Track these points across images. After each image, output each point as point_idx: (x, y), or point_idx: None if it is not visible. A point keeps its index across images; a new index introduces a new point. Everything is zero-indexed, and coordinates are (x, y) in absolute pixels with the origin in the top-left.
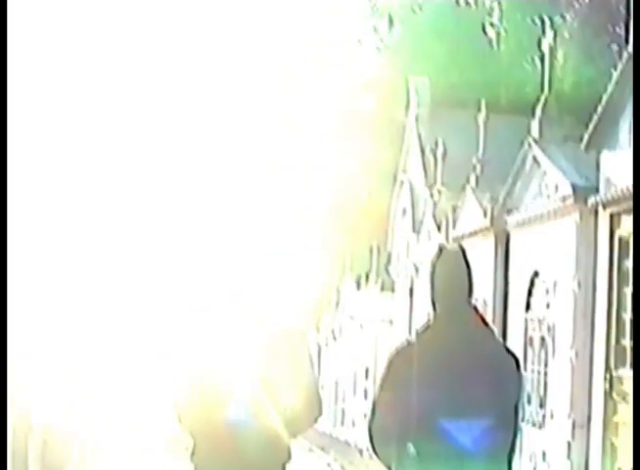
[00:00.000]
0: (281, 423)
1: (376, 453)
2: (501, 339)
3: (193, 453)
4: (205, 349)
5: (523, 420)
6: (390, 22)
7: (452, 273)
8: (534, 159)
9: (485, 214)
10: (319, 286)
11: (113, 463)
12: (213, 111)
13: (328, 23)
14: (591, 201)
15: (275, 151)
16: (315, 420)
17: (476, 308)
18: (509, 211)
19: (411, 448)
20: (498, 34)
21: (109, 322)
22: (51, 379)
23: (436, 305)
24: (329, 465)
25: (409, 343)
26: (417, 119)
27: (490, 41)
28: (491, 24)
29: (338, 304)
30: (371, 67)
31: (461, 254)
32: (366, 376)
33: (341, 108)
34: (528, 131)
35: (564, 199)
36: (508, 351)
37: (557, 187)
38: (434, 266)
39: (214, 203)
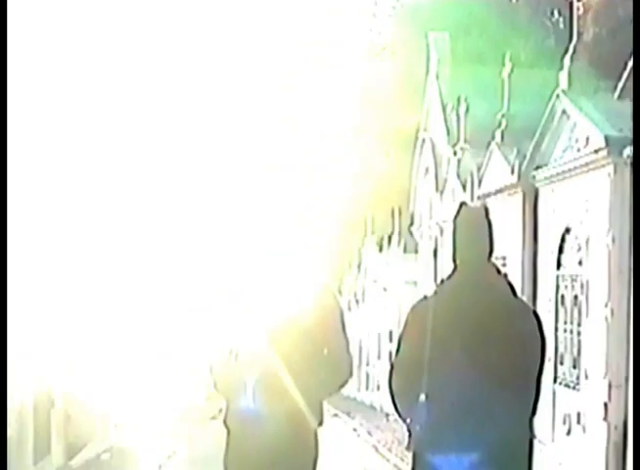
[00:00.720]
0: (313, 384)
1: (396, 409)
2: (529, 297)
3: (225, 417)
4: (238, 313)
5: (555, 381)
6: None
7: (473, 230)
8: (563, 111)
9: (512, 171)
10: (341, 249)
11: (136, 435)
12: (219, 93)
13: None
14: (627, 152)
15: (296, 115)
16: (345, 381)
17: (496, 266)
18: (537, 167)
19: (422, 397)
20: None
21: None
22: (72, 351)
23: (457, 262)
24: (355, 430)
25: (426, 298)
26: (437, 77)
27: None
28: None
29: (360, 267)
30: (388, 26)
31: (483, 211)
32: (390, 339)
33: (359, 70)
34: (557, 83)
35: (596, 151)
36: (528, 308)
37: (588, 139)
38: (455, 223)
39: (237, 167)
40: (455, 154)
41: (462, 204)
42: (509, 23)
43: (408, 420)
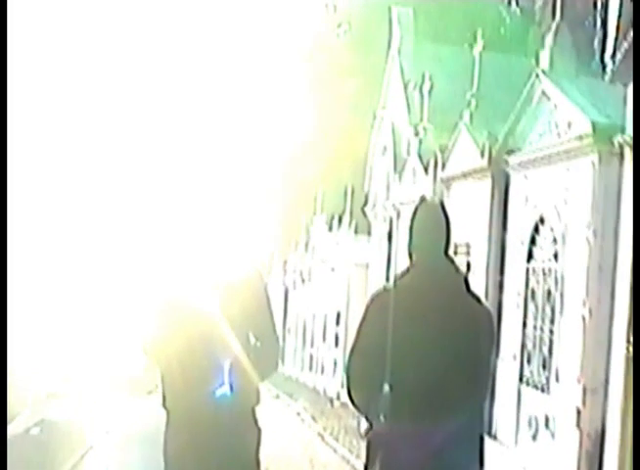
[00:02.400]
0: (248, 365)
1: (351, 399)
2: (494, 289)
3: (165, 400)
4: (171, 280)
5: (521, 381)
6: None
7: (430, 226)
8: (543, 92)
9: (482, 154)
10: (287, 226)
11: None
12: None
13: None
14: (618, 140)
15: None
16: (276, 365)
17: (452, 261)
18: (510, 151)
19: (386, 388)
20: None
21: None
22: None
23: (413, 256)
24: (299, 414)
25: (386, 289)
26: (400, 53)
27: None
28: None
29: (307, 245)
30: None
31: (440, 207)
32: (337, 322)
33: (314, 46)
34: (536, 63)
35: (581, 137)
36: (481, 303)
37: (570, 124)
38: (413, 218)
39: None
40: (417, 134)
41: (421, 199)
42: (474, 4)
43: (367, 410)
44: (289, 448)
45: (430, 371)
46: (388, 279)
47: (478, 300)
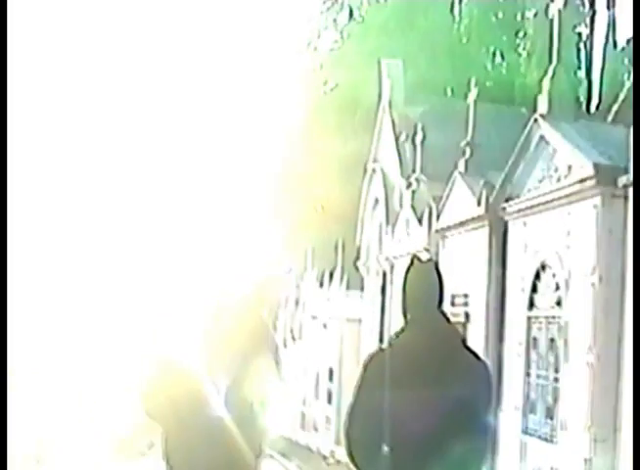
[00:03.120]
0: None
1: (352, 460)
2: (494, 339)
3: (165, 445)
4: (169, 337)
5: (526, 432)
6: (350, 14)
7: (423, 285)
8: (542, 137)
9: (479, 202)
10: (277, 283)
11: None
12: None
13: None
14: (622, 181)
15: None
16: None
17: (446, 316)
18: (507, 199)
19: (385, 448)
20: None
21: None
22: None
23: (407, 314)
24: None
25: (382, 349)
26: (390, 105)
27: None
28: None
29: (297, 302)
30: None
31: (433, 266)
32: (330, 378)
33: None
34: (534, 108)
35: (582, 181)
36: (478, 358)
37: (570, 168)
38: (405, 278)
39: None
40: (409, 185)
41: (413, 258)
42: (460, 53)
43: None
44: None
45: (428, 430)
46: (381, 334)
47: (474, 354)
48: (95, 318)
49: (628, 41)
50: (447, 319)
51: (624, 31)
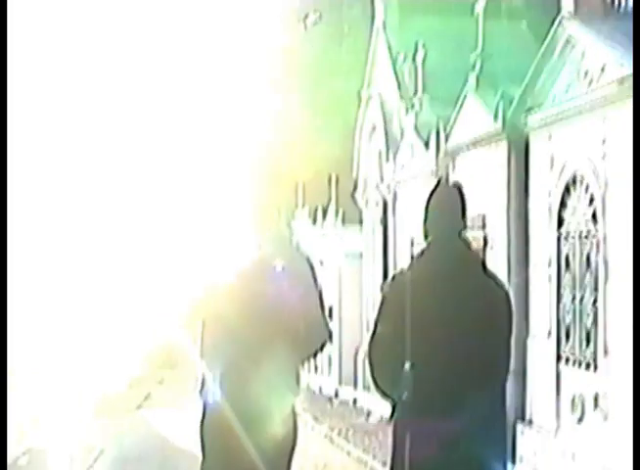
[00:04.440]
0: (290, 347)
1: (376, 384)
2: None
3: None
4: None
5: (559, 360)
6: None
7: (447, 208)
8: (568, 39)
9: (496, 117)
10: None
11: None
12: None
13: None
14: None
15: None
16: (323, 343)
17: (467, 242)
18: (528, 110)
19: (407, 366)
20: None
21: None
22: None
23: (429, 236)
24: (299, 416)
25: (402, 272)
26: (384, 26)
27: None
28: None
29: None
30: None
31: (457, 190)
32: (330, 316)
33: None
34: (558, 10)
35: (621, 81)
36: (498, 283)
37: (604, 68)
38: (429, 200)
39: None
40: (412, 107)
41: (439, 181)
42: None
43: (391, 392)
44: (298, 455)
45: (449, 352)
46: (385, 266)
47: (495, 280)
48: (93, 315)
49: None
50: (469, 244)
51: None
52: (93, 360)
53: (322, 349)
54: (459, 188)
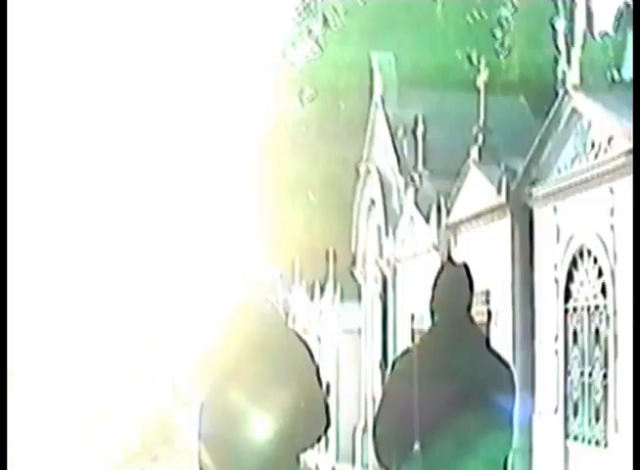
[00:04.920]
0: (285, 438)
1: (378, 457)
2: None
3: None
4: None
5: (568, 437)
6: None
7: (455, 288)
8: (574, 110)
9: (499, 190)
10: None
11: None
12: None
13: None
14: None
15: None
16: (324, 430)
17: (473, 320)
18: (533, 183)
19: (416, 446)
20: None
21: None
22: None
23: (435, 315)
24: None
25: (409, 350)
26: (383, 100)
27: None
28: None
29: (287, 316)
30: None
31: (464, 269)
32: (327, 392)
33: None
34: (562, 81)
35: (628, 152)
36: (501, 360)
37: (611, 140)
38: (436, 279)
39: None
40: (412, 181)
41: (444, 264)
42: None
43: (395, 467)
44: None
45: (455, 429)
46: (385, 343)
47: (499, 357)
48: (93, 316)
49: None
50: (473, 321)
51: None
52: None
53: (319, 440)
54: (466, 267)
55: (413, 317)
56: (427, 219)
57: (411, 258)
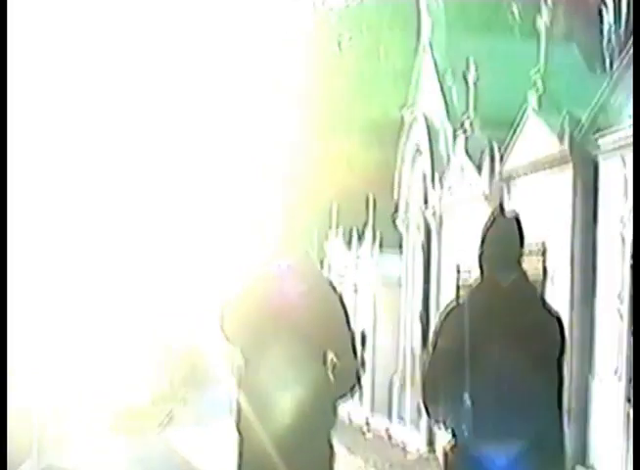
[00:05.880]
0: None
1: (427, 411)
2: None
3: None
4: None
5: (630, 401)
6: None
7: (505, 239)
8: None
9: (561, 139)
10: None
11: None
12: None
13: None
14: None
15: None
16: (351, 389)
17: (525, 274)
18: (599, 132)
19: (467, 400)
20: None
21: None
22: None
23: (484, 268)
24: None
25: (459, 304)
26: (431, 44)
27: None
28: None
29: (322, 264)
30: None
31: (516, 223)
32: (363, 343)
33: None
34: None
35: None
36: (553, 315)
37: None
38: (486, 230)
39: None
40: (463, 128)
41: (495, 215)
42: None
43: (445, 420)
44: None
45: (505, 385)
46: (427, 292)
47: (550, 311)
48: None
49: None
50: (526, 276)
51: None
52: (114, 372)
53: (352, 393)
54: (517, 219)
55: (459, 269)
56: (478, 168)
57: (459, 207)
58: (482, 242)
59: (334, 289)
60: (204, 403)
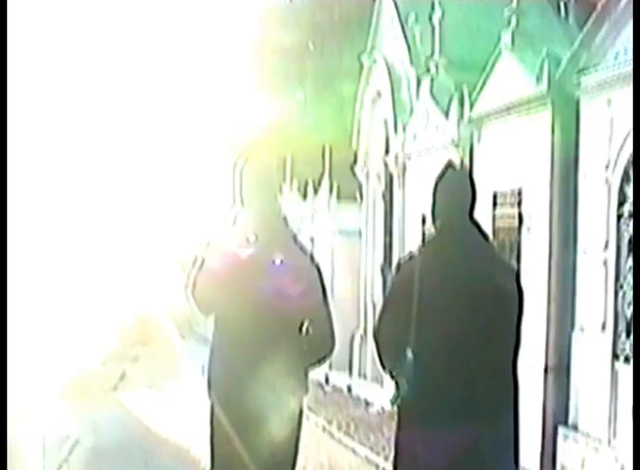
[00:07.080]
0: (296, 347)
1: (382, 364)
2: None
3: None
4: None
5: (617, 357)
6: None
7: (457, 191)
8: None
9: (538, 78)
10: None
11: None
12: None
13: None
14: None
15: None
16: (326, 356)
17: (477, 225)
18: (581, 71)
19: (409, 354)
20: None
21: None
22: None
23: (437, 221)
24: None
25: (412, 256)
26: None
27: None
28: None
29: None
30: None
31: (467, 174)
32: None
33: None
34: None
35: None
36: (509, 267)
37: None
38: (437, 186)
39: None
40: (428, 71)
41: (447, 166)
42: None
43: (394, 371)
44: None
45: (453, 339)
46: (390, 244)
47: (505, 264)
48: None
49: None
50: (480, 229)
51: None
52: (62, 333)
53: (324, 359)
54: (469, 172)
55: (424, 219)
56: (446, 114)
57: (424, 155)
58: (434, 195)
59: (311, 258)
60: (156, 360)
